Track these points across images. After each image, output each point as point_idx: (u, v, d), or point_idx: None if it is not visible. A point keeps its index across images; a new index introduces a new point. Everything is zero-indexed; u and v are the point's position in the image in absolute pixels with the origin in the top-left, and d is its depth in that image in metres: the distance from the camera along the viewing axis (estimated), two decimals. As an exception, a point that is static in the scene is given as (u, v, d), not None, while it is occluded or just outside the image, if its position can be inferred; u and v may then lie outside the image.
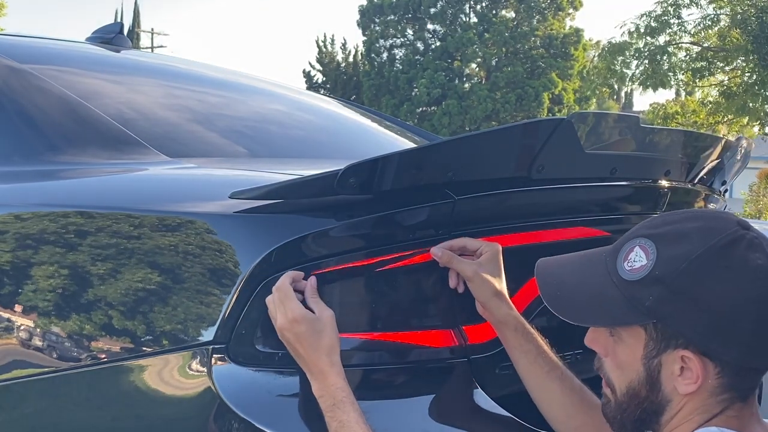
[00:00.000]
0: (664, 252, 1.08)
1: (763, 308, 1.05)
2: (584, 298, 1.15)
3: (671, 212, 1.17)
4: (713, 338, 1.05)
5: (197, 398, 1.26)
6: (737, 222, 1.10)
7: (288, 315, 1.19)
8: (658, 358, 1.09)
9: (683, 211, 1.17)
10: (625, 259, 1.11)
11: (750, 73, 15.47)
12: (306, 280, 1.23)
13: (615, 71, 16.27)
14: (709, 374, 1.06)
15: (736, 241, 1.07)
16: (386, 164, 1.24)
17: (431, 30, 29.03)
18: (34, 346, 1.44)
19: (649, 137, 1.57)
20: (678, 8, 15.83)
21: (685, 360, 1.06)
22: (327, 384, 1.18)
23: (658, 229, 1.12)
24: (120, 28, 2.60)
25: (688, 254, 1.06)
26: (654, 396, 1.10)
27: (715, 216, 1.12)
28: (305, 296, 1.22)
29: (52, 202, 1.55)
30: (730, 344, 1.05)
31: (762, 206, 15.23)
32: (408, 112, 27.30)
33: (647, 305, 1.07)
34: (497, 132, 1.34)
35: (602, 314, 1.13)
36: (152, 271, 1.33)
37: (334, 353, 1.20)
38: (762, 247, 1.07)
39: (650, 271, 1.08)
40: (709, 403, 1.07)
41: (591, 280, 1.15)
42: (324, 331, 1.20)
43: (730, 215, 1.13)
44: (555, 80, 27.67)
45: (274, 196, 1.28)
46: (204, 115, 2.14)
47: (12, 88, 1.83)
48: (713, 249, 1.06)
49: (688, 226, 1.10)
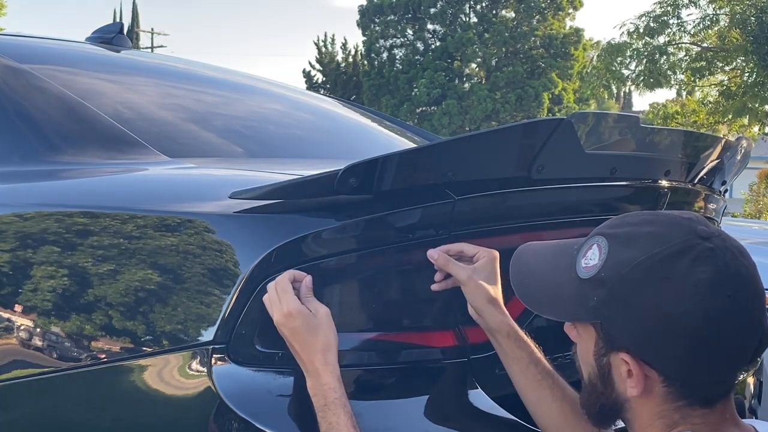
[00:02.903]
0: (613, 254, 1.06)
1: (701, 325, 1.00)
2: (545, 288, 1.16)
3: (638, 212, 1.14)
4: (648, 348, 1.03)
5: (197, 398, 1.26)
6: (695, 230, 1.04)
7: (284, 309, 1.20)
8: (607, 357, 1.08)
9: (650, 212, 1.13)
10: (583, 256, 1.11)
11: (750, 74, 15.47)
12: (306, 281, 1.23)
13: (613, 72, 16.27)
14: (653, 381, 1.04)
15: (683, 252, 1.02)
16: (386, 164, 1.24)
17: (431, 30, 29.02)
18: (34, 346, 1.43)
19: (649, 137, 1.57)
20: (677, 8, 15.83)
21: (628, 363, 1.04)
22: (320, 383, 1.18)
23: (616, 228, 1.10)
24: (120, 28, 2.60)
25: (632, 260, 1.04)
26: (609, 393, 1.09)
27: (673, 222, 1.07)
28: (300, 294, 1.22)
29: (51, 203, 1.55)
30: (666, 357, 1.02)
31: (762, 206, 15.22)
32: (408, 112, 27.29)
33: (591, 305, 1.07)
34: (497, 132, 1.34)
35: (557, 307, 1.14)
36: (152, 271, 1.33)
37: (329, 351, 1.20)
38: (713, 260, 1.02)
39: (598, 272, 1.06)
40: (665, 409, 1.05)
41: (555, 272, 1.15)
42: (319, 328, 1.20)
43: (694, 221, 1.07)
44: (555, 80, 27.67)
45: (273, 196, 1.28)
46: (204, 115, 2.14)
47: (12, 88, 1.83)
48: (656, 257, 1.03)
49: (642, 230, 1.06)
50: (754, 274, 1.05)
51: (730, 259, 1.03)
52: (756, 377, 2.09)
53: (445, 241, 1.33)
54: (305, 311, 1.20)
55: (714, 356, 1.02)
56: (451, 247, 1.31)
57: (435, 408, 1.31)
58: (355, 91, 30.17)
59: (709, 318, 1.00)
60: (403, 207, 1.29)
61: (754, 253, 3.19)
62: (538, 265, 1.19)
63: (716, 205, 1.95)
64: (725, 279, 1.01)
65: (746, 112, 15.69)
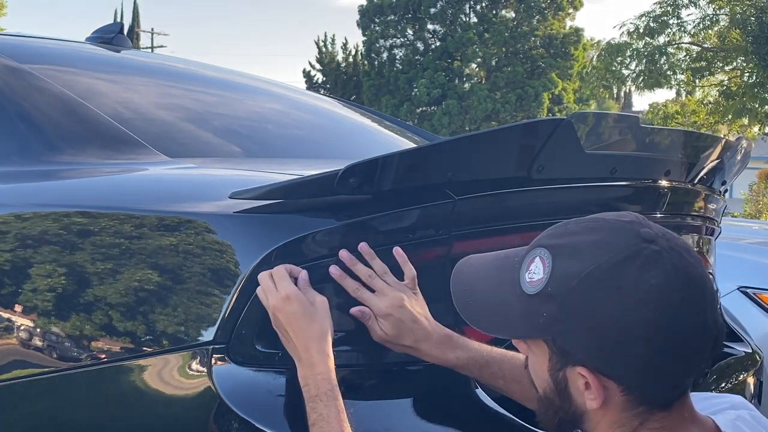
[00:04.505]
0: (559, 267, 1.02)
1: (655, 333, 0.98)
2: (491, 307, 1.11)
3: (578, 219, 1.08)
4: (605, 361, 1.00)
5: (197, 398, 1.26)
6: (639, 234, 1.01)
7: (281, 293, 1.18)
8: (563, 372, 1.04)
9: (590, 218, 1.07)
10: (526, 270, 1.06)
11: (750, 74, 15.47)
12: (302, 275, 1.22)
13: (613, 72, 16.28)
14: (612, 391, 1.01)
15: (629, 259, 0.99)
16: (386, 164, 1.24)
17: (431, 30, 29.02)
18: (34, 346, 1.43)
19: (649, 137, 1.57)
20: (677, 8, 15.84)
21: (585, 377, 1.02)
22: (314, 372, 1.16)
23: (558, 239, 1.06)
24: (120, 28, 2.60)
25: (579, 272, 1.00)
26: (567, 406, 1.06)
27: (615, 227, 1.03)
28: (298, 284, 1.21)
29: (51, 202, 1.55)
30: (624, 367, 1.00)
31: (762, 206, 15.21)
32: (408, 112, 27.29)
33: (541, 322, 1.03)
34: (497, 132, 1.34)
35: (506, 326, 1.09)
36: (152, 271, 1.33)
37: (324, 341, 1.18)
38: (660, 264, 0.99)
39: (544, 286, 1.02)
40: (624, 417, 1.03)
41: (499, 289, 1.10)
42: (316, 316, 1.19)
43: (637, 224, 1.03)
44: (555, 80, 27.67)
45: (273, 196, 1.28)
46: (204, 115, 2.14)
47: (12, 87, 1.83)
48: (603, 267, 0.99)
49: (585, 239, 1.03)
50: (702, 273, 1.02)
51: (678, 260, 1.00)
52: (756, 377, 2.09)
53: (445, 241, 1.33)
54: (303, 296, 1.19)
55: (672, 361, 1.00)
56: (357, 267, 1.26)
57: (435, 408, 1.31)
58: (355, 91, 30.16)
59: (663, 323, 0.97)
60: (403, 207, 1.29)
61: (755, 253, 3.20)
62: (481, 282, 1.14)
63: (716, 205, 1.95)
64: (675, 282, 0.98)
65: (746, 113, 15.70)
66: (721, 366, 1.97)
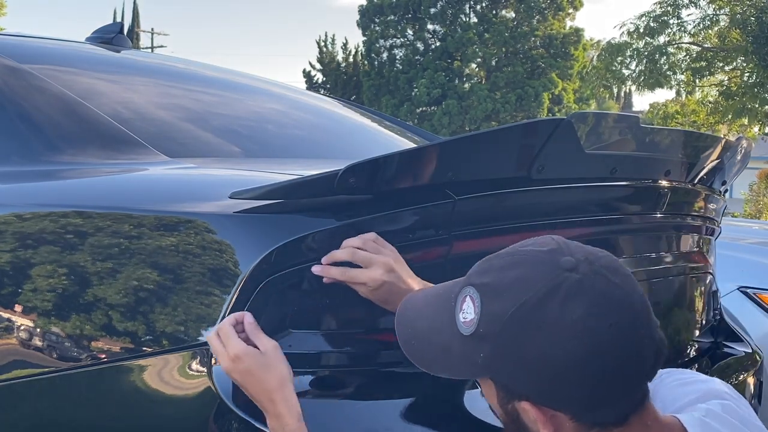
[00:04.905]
0: (487, 307, 1.01)
1: (589, 364, 0.96)
2: (432, 349, 1.10)
3: (501, 253, 1.07)
4: (546, 395, 0.99)
5: (197, 398, 1.26)
6: (558, 264, 1.00)
7: (230, 353, 1.18)
8: (511, 404, 1.04)
9: (511, 252, 1.06)
10: (460, 309, 1.05)
11: (750, 74, 15.48)
12: (246, 319, 1.20)
13: (613, 72, 16.28)
14: (561, 419, 1.01)
15: (551, 293, 0.98)
16: (386, 164, 1.24)
17: (431, 30, 29.02)
18: (34, 346, 1.43)
19: (649, 137, 1.57)
20: (677, 8, 15.84)
21: (531, 410, 1.01)
22: (282, 424, 1.15)
23: (484, 276, 1.04)
24: (120, 28, 2.60)
25: (504, 312, 0.99)
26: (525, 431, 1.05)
27: (535, 261, 1.02)
28: (247, 333, 1.20)
29: (51, 202, 1.55)
30: (566, 399, 0.99)
31: (762, 206, 15.21)
32: (408, 112, 27.29)
33: (479, 362, 1.02)
34: (497, 132, 1.34)
35: (449, 367, 1.09)
36: (152, 271, 1.33)
37: (286, 387, 1.17)
38: (583, 293, 0.97)
39: (476, 327, 1.02)
40: None
41: (440, 330, 1.09)
42: (270, 365, 1.18)
43: (557, 252, 1.02)
44: (555, 80, 27.67)
45: (274, 196, 1.28)
46: (204, 115, 2.14)
47: (11, 87, 1.83)
48: (527, 305, 0.98)
49: (507, 276, 1.02)
50: (630, 291, 1.00)
51: (602, 285, 0.98)
52: (756, 377, 2.09)
53: (445, 241, 1.33)
54: (252, 351, 1.18)
55: (613, 385, 0.99)
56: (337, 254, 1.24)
57: (435, 409, 1.31)
58: (355, 91, 30.16)
59: (594, 353, 0.96)
60: (403, 207, 1.29)
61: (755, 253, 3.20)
62: (422, 322, 1.12)
63: (716, 205, 1.95)
64: (600, 310, 0.97)
65: (746, 113, 15.70)
66: (721, 366, 1.97)
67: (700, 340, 2.01)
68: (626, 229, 1.68)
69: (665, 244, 1.82)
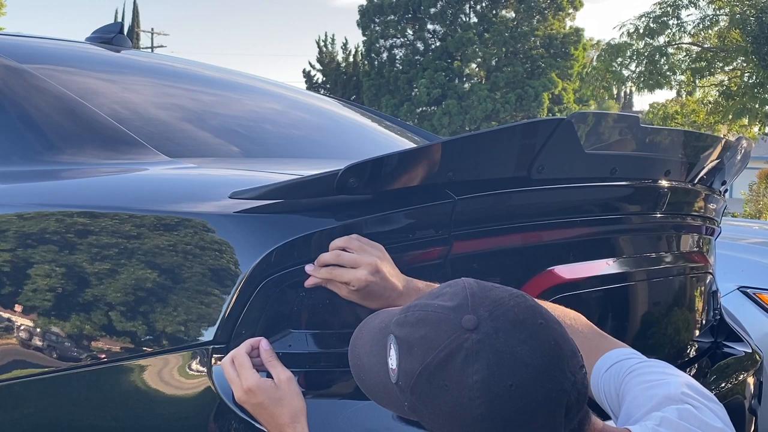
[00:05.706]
0: (402, 361, 1.02)
1: (493, 422, 0.96)
2: (375, 384, 1.11)
3: (418, 304, 1.06)
4: None
5: (197, 398, 1.26)
6: (460, 324, 0.99)
7: (244, 385, 1.18)
8: None
9: (422, 306, 1.05)
10: (389, 355, 1.06)
11: (750, 74, 15.48)
12: (262, 346, 1.20)
13: (613, 72, 16.29)
14: None
15: (451, 355, 0.97)
16: (386, 164, 1.24)
17: (431, 30, 29.01)
18: (34, 346, 1.43)
19: (649, 137, 1.57)
20: (677, 9, 15.85)
21: None
22: None
23: (401, 329, 1.04)
24: (120, 27, 2.60)
25: (413, 371, 1.00)
26: None
27: (438, 319, 1.01)
28: (263, 360, 1.20)
29: (51, 202, 1.55)
30: None
31: (762, 206, 15.21)
32: (408, 112, 27.28)
33: (406, 408, 1.04)
34: (497, 132, 1.34)
35: (388, 404, 1.10)
36: (152, 271, 1.33)
37: (298, 422, 1.17)
38: (482, 356, 0.96)
39: (398, 378, 1.03)
40: None
41: (378, 369, 1.09)
42: (284, 399, 1.18)
43: (461, 308, 1.01)
44: (555, 80, 27.66)
45: (274, 196, 1.28)
46: (203, 115, 2.14)
47: (11, 87, 1.83)
48: (430, 367, 0.98)
49: (416, 333, 1.02)
50: (534, 347, 0.98)
51: (502, 345, 0.97)
52: (756, 377, 2.09)
53: (445, 241, 1.33)
54: (266, 384, 1.18)
55: None
56: None
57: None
58: (355, 91, 30.16)
59: (498, 413, 0.96)
60: (403, 207, 1.29)
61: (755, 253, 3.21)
62: (367, 358, 1.13)
63: (716, 205, 1.95)
64: (500, 371, 0.96)
65: (746, 113, 15.71)
66: (720, 366, 1.97)
67: (700, 340, 2.01)
68: (626, 229, 1.68)
69: (665, 244, 1.82)
